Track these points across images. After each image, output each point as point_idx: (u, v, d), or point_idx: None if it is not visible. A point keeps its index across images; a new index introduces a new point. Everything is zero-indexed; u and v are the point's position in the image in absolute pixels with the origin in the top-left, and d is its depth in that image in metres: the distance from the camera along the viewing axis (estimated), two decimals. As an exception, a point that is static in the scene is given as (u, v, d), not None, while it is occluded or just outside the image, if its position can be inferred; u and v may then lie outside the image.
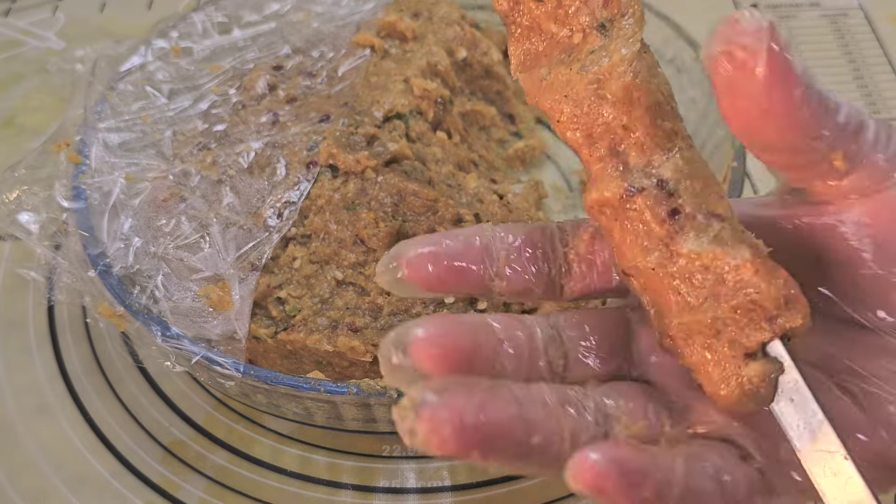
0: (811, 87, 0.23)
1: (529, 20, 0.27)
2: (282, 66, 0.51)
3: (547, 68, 0.27)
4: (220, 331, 0.39)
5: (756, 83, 0.22)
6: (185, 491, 0.42)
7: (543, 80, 0.27)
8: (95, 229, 0.42)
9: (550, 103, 0.26)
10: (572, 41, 0.27)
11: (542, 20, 0.27)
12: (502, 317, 0.26)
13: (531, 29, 0.28)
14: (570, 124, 0.26)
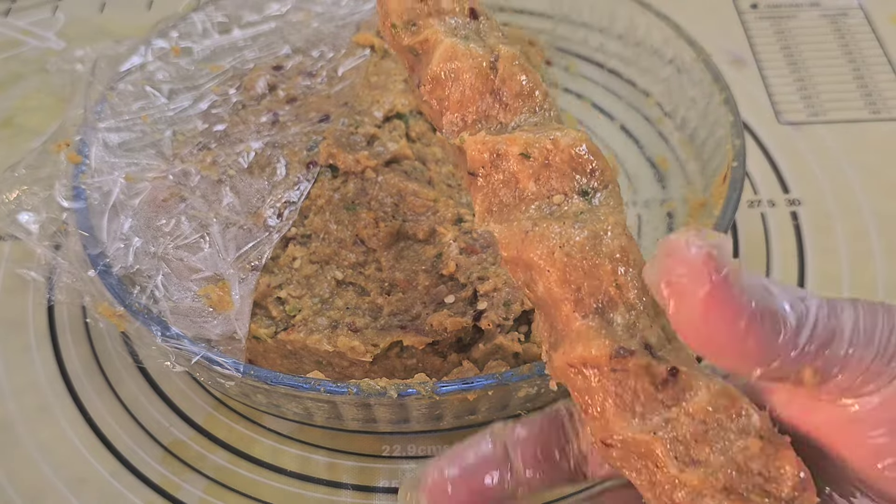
0: (764, 309, 0.22)
1: (507, 175, 0.28)
2: (282, 66, 0.51)
3: (531, 221, 0.27)
4: (220, 331, 0.39)
5: (696, 317, 0.22)
6: (184, 491, 0.42)
7: (528, 231, 0.26)
8: (95, 229, 0.42)
9: (541, 254, 0.26)
10: (552, 201, 0.27)
11: (522, 177, 0.27)
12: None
13: (505, 183, 0.28)
14: (562, 277, 0.25)
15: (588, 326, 0.25)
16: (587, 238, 0.26)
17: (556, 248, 0.26)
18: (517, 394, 0.38)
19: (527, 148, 0.27)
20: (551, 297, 0.26)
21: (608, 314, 0.25)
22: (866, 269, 0.51)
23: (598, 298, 0.25)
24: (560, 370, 0.26)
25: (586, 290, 0.25)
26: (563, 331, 0.26)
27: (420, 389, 0.36)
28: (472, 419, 0.41)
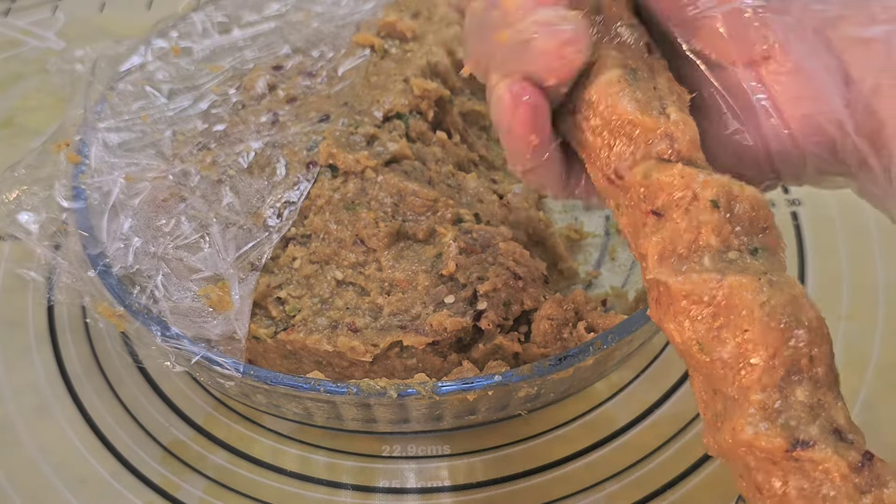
0: None
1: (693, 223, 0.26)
2: (282, 66, 0.51)
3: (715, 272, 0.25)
4: (219, 331, 0.39)
5: None
6: (184, 491, 0.42)
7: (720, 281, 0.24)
8: (95, 229, 0.42)
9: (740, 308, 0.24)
10: (727, 256, 0.25)
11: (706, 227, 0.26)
12: None
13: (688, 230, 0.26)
14: (760, 338, 0.23)
15: (764, 408, 0.23)
16: (788, 300, 0.24)
17: (756, 306, 0.24)
18: (517, 394, 0.38)
19: (719, 194, 0.26)
20: (740, 359, 0.24)
21: (791, 389, 0.23)
22: (866, 268, 0.51)
23: (787, 369, 0.23)
24: (727, 446, 0.24)
25: (779, 359, 0.23)
26: (736, 399, 0.24)
27: (420, 389, 0.36)
28: (472, 419, 0.41)
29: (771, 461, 0.23)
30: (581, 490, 0.42)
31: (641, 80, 0.28)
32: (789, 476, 0.23)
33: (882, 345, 0.47)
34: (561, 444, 0.44)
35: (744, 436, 0.23)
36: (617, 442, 0.44)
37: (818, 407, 0.23)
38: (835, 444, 0.23)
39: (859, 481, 0.22)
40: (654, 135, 0.27)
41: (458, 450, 0.43)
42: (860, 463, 0.23)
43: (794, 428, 0.23)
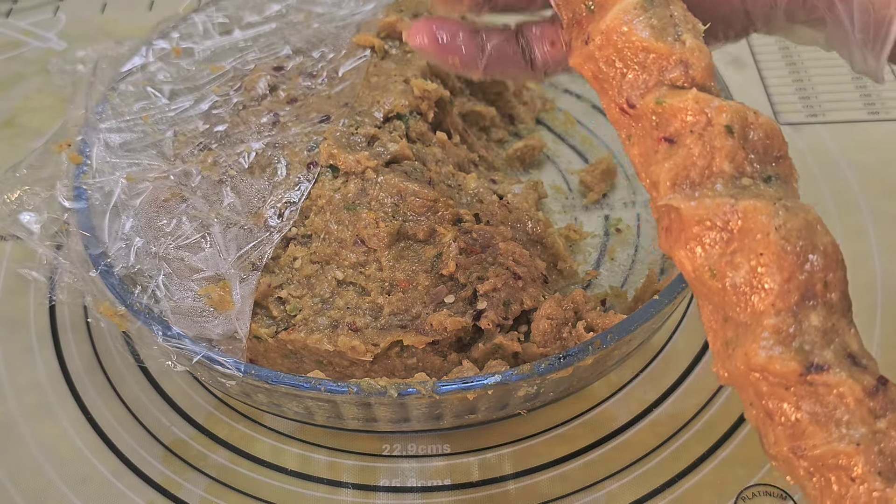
0: None
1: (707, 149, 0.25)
2: (282, 67, 0.51)
3: (729, 196, 0.25)
4: (220, 330, 0.40)
5: None
6: (186, 490, 0.42)
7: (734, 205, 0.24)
8: (97, 229, 0.42)
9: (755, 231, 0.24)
10: (741, 182, 0.25)
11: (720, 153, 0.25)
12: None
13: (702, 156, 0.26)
14: (776, 261, 0.23)
15: (778, 332, 0.23)
16: (803, 225, 0.24)
17: (771, 229, 0.23)
18: (516, 393, 0.38)
19: (733, 119, 0.25)
20: (752, 282, 0.23)
21: (806, 314, 0.23)
22: (866, 268, 0.51)
23: (802, 293, 0.23)
24: (738, 373, 0.24)
25: (794, 283, 0.23)
26: (748, 325, 0.23)
27: (420, 389, 0.36)
28: (471, 418, 0.41)
29: (784, 386, 0.23)
30: (580, 489, 0.42)
31: (657, 6, 0.27)
32: (802, 401, 0.22)
33: (881, 345, 0.47)
34: (560, 443, 0.44)
35: (757, 359, 0.23)
36: (616, 441, 0.44)
37: (832, 332, 0.23)
38: (849, 368, 0.22)
39: (874, 405, 0.22)
40: (668, 61, 0.27)
41: (458, 449, 0.44)
42: (875, 387, 0.22)
43: (809, 352, 0.22)
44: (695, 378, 0.46)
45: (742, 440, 0.43)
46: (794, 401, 0.23)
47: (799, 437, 0.22)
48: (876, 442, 0.22)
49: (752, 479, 0.42)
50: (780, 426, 0.23)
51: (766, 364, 0.23)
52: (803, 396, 0.22)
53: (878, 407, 0.22)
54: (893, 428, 0.22)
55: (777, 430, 0.23)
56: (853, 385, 0.22)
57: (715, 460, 0.43)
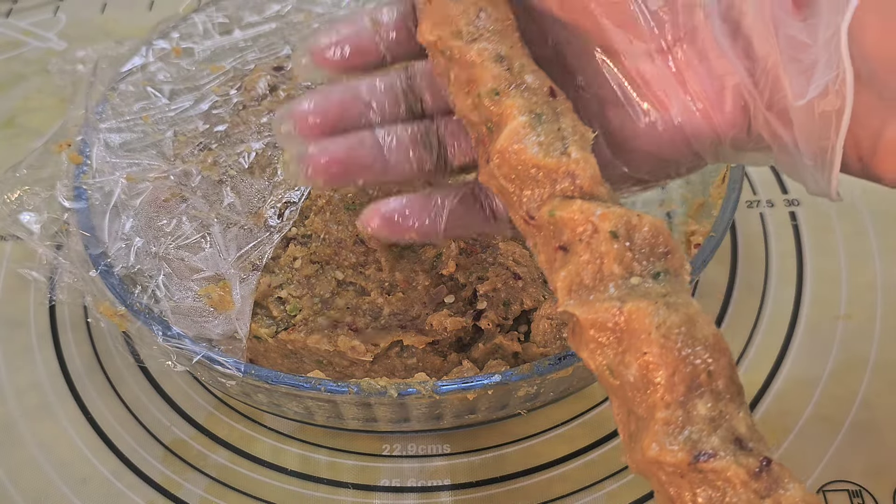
0: None
1: (595, 254, 0.27)
2: (282, 67, 0.51)
3: (617, 300, 0.26)
4: (220, 330, 0.40)
5: None
6: (186, 490, 0.42)
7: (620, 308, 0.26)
8: (97, 229, 0.42)
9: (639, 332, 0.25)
10: (630, 282, 0.27)
11: (608, 257, 0.27)
12: (369, 80, 0.33)
13: (591, 262, 0.27)
14: (659, 359, 0.25)
15: (666, 424, 0.24)
16: (683, 321, 0.25)
17: (652, 329, 0.25)
18: (516, 393, 0.38)
19: (617, 224, 0.27)
20: (642, 379, 0.25)
21: (693, 403, 0.25)
22: (865, 268, 0.51)
23: (688, 385, 0.25)
24: (641, 465, 0.25)
25: (679, 376, 0.25)
26: (645, 419, 0.25)
27: (420, 389, 0.36)
28: (471, 418, 0.41)
29: (679, 475, 0.24)
30: (580, 489, 0.42)
31: (545, 122, 0.29)
32: (697, 487, 0.24)
33: (880, 344, 0.47)
34: (560, 442, 0.44)
35: (651, 453, 0.24)
36: (616, 441, 0.44)
37: (720, 418, 0.24)
38: (735, 452, 0.24)
39: (758, 486, 0.23)
40: (557, 174, 0.29)
41: (458, 449, 0.44)
42: (758, 469, 0.24)
43: (697, 441, 0.24)
44: (695, 378, 0.46)
45: (742, 440, 0.43)
46: (690, 487, 0.24)
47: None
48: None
49: (752, 478, 0.42)
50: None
51: (658, 456, 0.24)
52: (697, 483, 0.24)
53: (763, 487, 0.23)
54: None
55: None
56: (737, 469, 0.23)
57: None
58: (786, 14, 0.27)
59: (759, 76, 0.28)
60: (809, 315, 0.49)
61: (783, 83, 0.28)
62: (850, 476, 0.42)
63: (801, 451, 0.42)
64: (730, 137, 0.30)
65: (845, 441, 0.43)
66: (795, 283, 0.50)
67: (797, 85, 0.27)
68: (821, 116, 0.27)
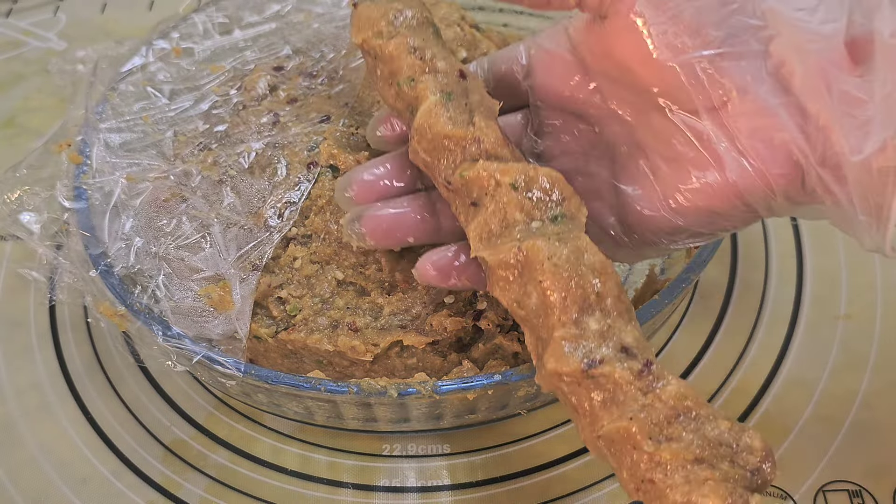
0: None
1: (499, 205, 0.32)
2: (282, 67, 0.51)
3: (517, 241, 0.30)
4: (220, 330, 0.40)
5: None
6: (186, 490, 0.42)
7: (519, 247, 0.30)
8: (97, 229, 0.42)
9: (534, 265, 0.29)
10: (531, 227, 0.31)
11: (511, 207, 0.31)
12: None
13: (496, 212, 0.32)
14: (552, 284, 0.29)
15: (563, 340, 0.28)
16: (572, 251, 0.29)
17: (545, 260, 0.29)
18: (516, 393, 0.38)
19: (516, 178, 0.32)
20: (542, 305, 0.29)
21: (585, 320, 0.28)
22: (865, 268, 0.51)
23: (579, 306, 0.28)
24: (546, 380, 0.29)
25: (570, 298, 0.28)
26: (546, 339, 0.29)
27: (420, 389, 0.36)
28: (471, 418, 0.41)
29: (576, 383, 0.28)
30: (580, 489, 0.42)
31: (454, 99, 0.34)
32: (592, 392, 0.27)
33: (880, 344, 0.47)
34: (560, 443, 0.44)
35: (550, 365, 0.28)
36: (616, 441, 0.44)
37: (609, 332, 0.28)
38: (621, 359, 0.28)
39: (641, 385, 0.27)
40: (465, 141, 0.33)
41: (458, 449, 0.44)
42: (641, 370, 0.27)
43: (589, 352, 0.28)
44: (695, 378, 0.46)
45: (742, 440, 0.43)
46: (586, 394, 0.28)
47: (595, 422, 0.27)
48: (646, 414, 0.26)
49: (752, 478, 0.42)
50: (583, 417, 0.28)
51: (557, 368, 0.28)
52: (591, 388, 0.27)
53: (645, 385, 0.27)
54: (658, 400, 0.27)
55: (582, 421, 0.28)
56: (622, 372, 0.27)
57: (715, 460, 0.43)
58: (839, 71, 0.27)
59: (812, 132, 0.29)
60: (809, 315, 0.49)
61: (837, 139, 0.28)
62: (850, 476, 0.42)
63: (801, 451, 0.42)
64: (783, 193, 0.30)
65: (845, 441, 0.43)
66: (795, 283, 0.50)
67: (853, 141, 0.27)
68: (878, 173, 0.27)
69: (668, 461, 0.26)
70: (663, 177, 0.33)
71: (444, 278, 0.35)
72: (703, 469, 0.25)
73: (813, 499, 0.41)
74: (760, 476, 0.26)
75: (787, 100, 0.29)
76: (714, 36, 0.29)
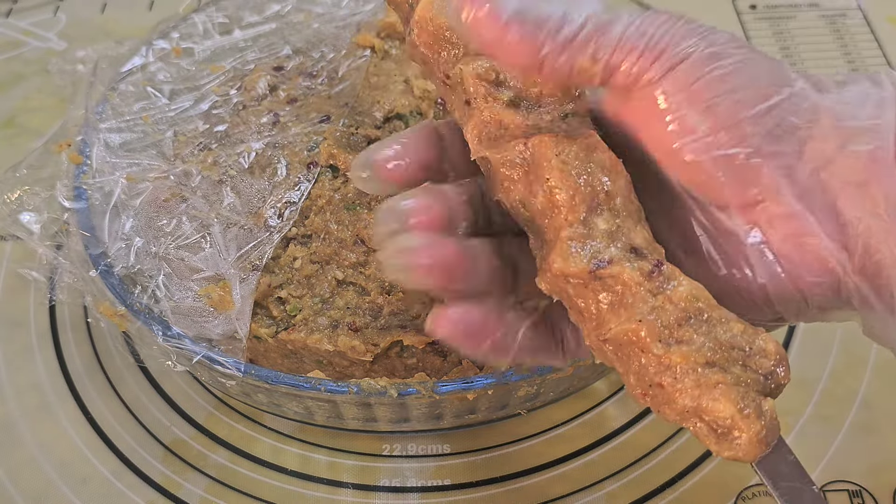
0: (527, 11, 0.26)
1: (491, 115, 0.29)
2: (282, 67, 0.51)
3: (523, 139, 0.28)
4: (220, 330, 0.40)
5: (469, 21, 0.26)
6: (186, 490, 0.42)
7: (526, 144, 0.28)
8: (97, 229, 0.42)
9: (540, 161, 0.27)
10: (539, 126, 0.29)
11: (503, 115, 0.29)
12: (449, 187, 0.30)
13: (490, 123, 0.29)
14: (559, 182, 0.27)
15: (569, 240, 0.26)
16: (581, 148, 0.27)
17: (552, 156, 0.27)
18: (516, 393, 0.38)
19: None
20: (548, 204, 0.27)
21: (593, 220, 0.27)
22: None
23: (588, 205, 0.27)
24: (551, 282, 0.27)
25: (579, 197, 0.27)
26: (552, 241, 0.27)
27: (420, 388, 0.36)
28: (471, 418, 0.41)
29: (583, 285, 0.26)
30: (580, 489, 0.42)
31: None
32: (599, 294, 0.26)
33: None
34: (560, 443, 0.44)
35: (556, 266, 0.26)
36: (616, 441, 0.44)
37: (617, 232, 0.26)
38: (630, 259, 0.26)
39: (651, 286, 0.26)
40: None
41: (458, 449, 0.44)
42: (651, 270, 0.26)
43: (596, 252, 0.26)
44: (695, 378, 0.46)
45: (742, 440, 0.43)
46: (592, 296, 0.26)
47: (602, 325, 0.26)
48: (655, 316, 0.25)
49: (753, 478, 0.42)
50: (589, 321, 0.26)
51: (563, 269, 0.26)
52: (598, 290, 0.26)
53: (655, 286, 0.26)
54: (668, 301, 0.25)
55: (587, 325, 0.27)
56: (632, 273, 0.26)
57: (715, 460, 0.43)
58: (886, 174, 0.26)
59: (850, 240, 0.27)
60: (809, 315, 0.49)
61: (878, 247, 0.26)
62: (850, 476, 0.42)
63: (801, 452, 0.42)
64: (816, 299, 0.28)
65: (845, 441, 0.43)
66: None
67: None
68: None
69: (677, 364, 0.24)
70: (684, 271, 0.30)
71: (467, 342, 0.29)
72: (714, 373, 0.24)
73: (813, 499, 0.41)
74: (774, 380, 0.25)
75: (824, 203, 0.27)
76: (751, 132, 0.27)
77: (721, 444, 0.24)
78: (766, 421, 0.24)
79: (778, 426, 0.25)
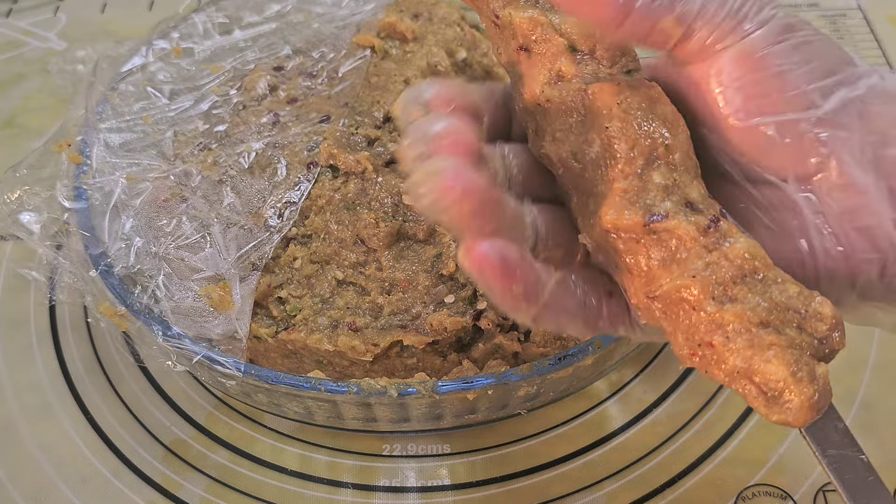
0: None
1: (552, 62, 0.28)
2: (282, 67, 0.51)
3: (583, 84, 0.27)
4: (221, 330, 0.40)
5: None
6: (186, 490, 0.42)
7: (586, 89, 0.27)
8: (97, 229, 0.42)
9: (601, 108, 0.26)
10: (597, 76, 0.27)
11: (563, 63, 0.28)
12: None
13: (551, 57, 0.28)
14: (620, 131, 0.26)
15: (623, 192, 0.25)
16: (643, 98, 0.26)
17: (614, 105, 0.26)
18: (517, 393, 0.38)
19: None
20: (604, 154, 0.26)
21: (649, 174, 0.26)
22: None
23: (646, 157, 0.26)
24: (599, 237, 0.26)
25: (638, 149, 0.26)
26: (604, 192, 0.26)
27: (420, 389, 0.36)
28: (471, 418, 0.41)
29: (635, 240, 0.25)
30: (580, 489, 0.42)
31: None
32: (651, 250, 0.25)
33: (880, 344, 0.47)
34: (560, 443, 0.44)
35: (608, 218, 0.25)
36: (616, 441, 0.44)
37: (673, 187, 0.26)
38: (686, 213, 0.25)
39: (706, 241, 0.25)
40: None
41: (458, 449, 0.44)
42: (707, 226, 0.25)
43: (651, 205, 0.25)
44: (695, 378, 0.46)
45: (742, 440, 0.43)
46: (644, 251, 0.25)
47: (651, 282, 0.25)
48: (710, 272, 0.24)
49: (752, 479, 0.42)
50: (637, 277, 0.25)
51: (615, 221, 0.25)
52: (651, 245, 0.25)
53: (711, 242, 0.25)
54: (724, 258, 0.24)
55: (635, 282, 0.26)
56: (687, 226, 0.25)
57: (715, 460, 0.43)
58: None
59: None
60: (809, 315, 0.49)
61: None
62: (850, 476, 0.42)
63: (802, 451, 0.42)
64: (862, 280, 0.28)
65: (845, 441, 0.43)
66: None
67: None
68: None
69: (730, 323, 0.24)
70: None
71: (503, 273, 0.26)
72: (768, 333, 0.23)
73: (813, 499, 0.41)
74: (829, 345, 0.24)
75: (879, 181, 0.27)
76: (818, 101, 0.27)
77: (771, 407, 0.23)
78: (818, 386, 0.23)
79: (830, 392, 0.24)
